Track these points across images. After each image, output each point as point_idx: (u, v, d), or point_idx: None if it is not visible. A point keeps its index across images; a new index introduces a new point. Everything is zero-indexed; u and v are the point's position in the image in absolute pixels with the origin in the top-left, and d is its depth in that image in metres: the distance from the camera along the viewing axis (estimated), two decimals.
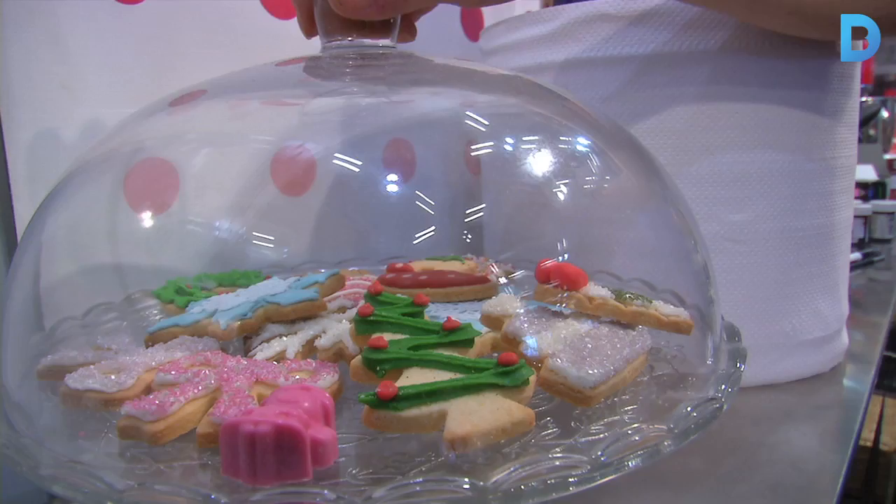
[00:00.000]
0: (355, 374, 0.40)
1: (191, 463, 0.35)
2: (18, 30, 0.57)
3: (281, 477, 0.31)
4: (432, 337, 0.41)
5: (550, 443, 0.36)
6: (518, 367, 0.37)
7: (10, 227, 0.58)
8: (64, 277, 0.60)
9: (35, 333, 0.56)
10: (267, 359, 0.44)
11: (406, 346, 0.40)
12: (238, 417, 0.33)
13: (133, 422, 0.36)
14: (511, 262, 0.67)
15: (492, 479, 0.31)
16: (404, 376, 0.38)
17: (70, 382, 0.40)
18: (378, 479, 0.33)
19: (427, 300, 0.47)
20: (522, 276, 0.66)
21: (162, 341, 0.47)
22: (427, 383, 0.36)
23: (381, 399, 0.34)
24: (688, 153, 0.62)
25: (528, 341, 0.42)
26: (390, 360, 0.38)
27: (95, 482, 0.31)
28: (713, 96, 0.61)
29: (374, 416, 0.35)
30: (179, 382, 0.39)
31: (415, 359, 0.39)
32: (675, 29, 0.61)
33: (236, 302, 0.52)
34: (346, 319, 0.51)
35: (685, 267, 0.53)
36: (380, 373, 0.38)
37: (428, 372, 0.38)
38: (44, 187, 0.59)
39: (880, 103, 2.37)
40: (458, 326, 0.42)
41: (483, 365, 0.38)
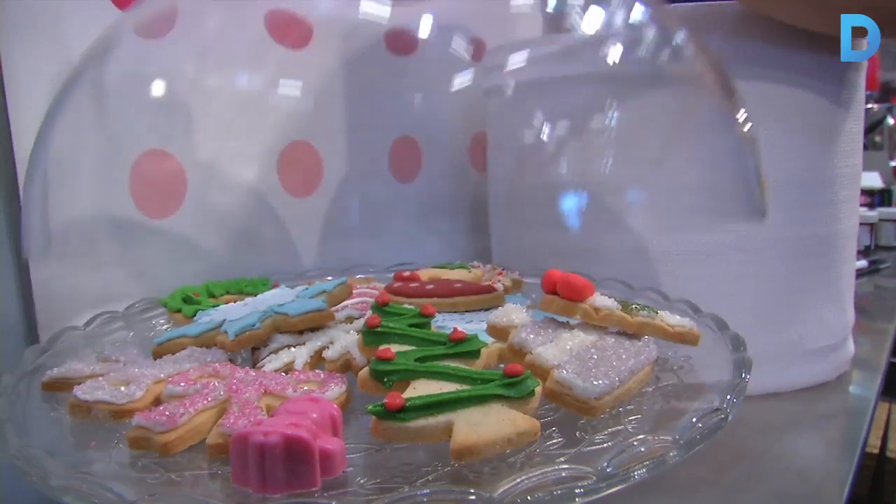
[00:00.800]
0: (363, 384, 0.40)
1: (201, 473, 0.36)
2: (22, 33, 0.58)
3: (290, 486, 0.32)
4: (439, 348, 0.42)
5: (555, 452, 0.37)
6: (524, 378, 0.37)
7: (18, 226, 0.59)
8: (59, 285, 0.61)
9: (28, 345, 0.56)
10: (275, 370, 0.45)
11: (413, 358, 0.40)
12: (248, 428, 0.33)
13: (143, 432, 0.37)
14: (518, 269, 0.68)
15: (498, 490, 0.31)
16: (411, 387, 0.38)
17: (79, 394, 0.40)
18: (385, 489, 0.33)
19: (434, 311, 0.47)
20: (529, 285, 0.66)
21: (170, 352, 0.48)
22: (433, 394, 0.36)
23: (389, 410, 0.35)
24: (690, 163, 0.62)
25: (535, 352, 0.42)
26: (397, 372, 0.39)
27: (105, 493, 0.31)
28: (714, 107, 0.61)
29: (382, 426, 0.35)
30: (189, 394, 0.40)
31: (421, 370, 0.39)
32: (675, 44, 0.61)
33: (244, 311, 0.52)
34: (353, 330, 0.51)
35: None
36: (387, 384, 0.39)
37: (434, 383, 0.38)
38: (52, 194, 0.60)
39: (886, 110, 2.37)
40: (465, 338, 0.42)
41: (489, 376, 0.38)
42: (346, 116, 0.83)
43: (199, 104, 0.70)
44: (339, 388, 0.41)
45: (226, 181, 0.73)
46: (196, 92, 0.70)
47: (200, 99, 0.70)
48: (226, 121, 0.72)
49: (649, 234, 0.63)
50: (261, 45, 0.75)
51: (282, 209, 0.78)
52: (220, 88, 0.72)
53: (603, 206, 0.66)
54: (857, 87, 0.66)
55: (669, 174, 0.63)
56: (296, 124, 0.78)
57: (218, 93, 0.72)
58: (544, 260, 0.66)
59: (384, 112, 0.87)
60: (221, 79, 0.72)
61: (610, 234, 0.65)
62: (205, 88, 0.71)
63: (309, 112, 0.79)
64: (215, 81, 0.72)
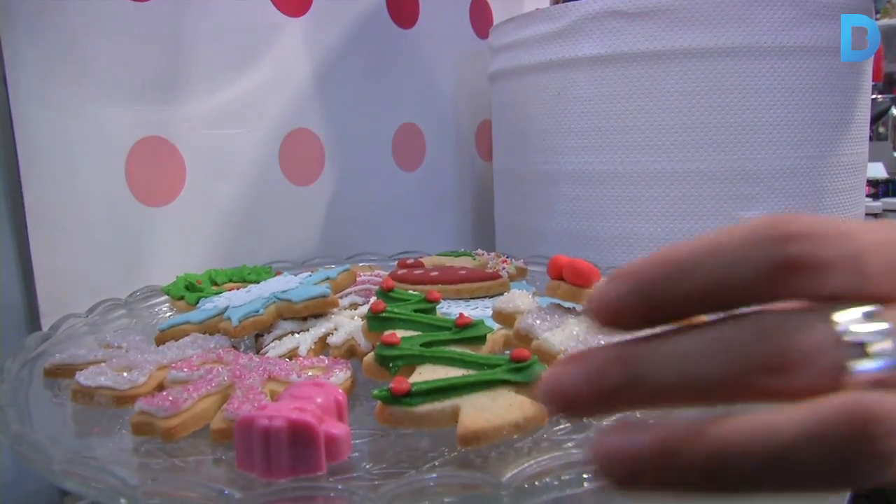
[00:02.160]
0: (368, 370, 0.40)
1: (204, 458, 0.35)
2: (29, 27, 0.57)
3: (295, 471, 0.31)
4: (445, 333, 0.41)
5: (563, 437, 0.36)
6: (531, 363, 0.37)
7: (21, 221, 0.58)
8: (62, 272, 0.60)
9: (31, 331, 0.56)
10: (279, 356, 0.44)
11: (419, 343, 0.40)
12: (253, 413, 0.33)
13: (147, 418, 0.36)
14: (523, 258, 0.67)
15: (505, 476, 0.31)
16: (417, 372, 0.38)
17: (82, 380, 0.40)
18: (392, 474, 0.33)
19: (439, 297, 0.47)
20: (534, 273, 0.65)
21: (173, 339, 0.48)
22: (440, 379, 0.36)
23: (395, 395, 0.34)
24: (698, 150, 0.62)
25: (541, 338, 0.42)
26: (403, 357, 0.38)
27: (108, 477, 0.31)
28: (723, 94, 0.61)
29: (388, 411, 0.34)
30: (192, 379, 0.39)
31: (427, 355, 0.39)
32: (684, 25, 0.61)
33: (247, 298, 0.51)
34: (357, 316, 0.51)
35: None
36: (392, 369, 0.38)
37: (440, 368, 0.38)
38: (54, 182, 0.60)
39: (890, 101, 2.35)
40: (471, 323, 0.42)
41: (495, 361, 0.38)
42: (349, 103, 0.82)
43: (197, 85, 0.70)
44: (343, 374, 0.41)
45: (226, 168, 0.73)
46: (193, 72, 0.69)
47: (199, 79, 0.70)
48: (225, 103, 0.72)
49: (658, 221, 0.63)
50: (261, 14, 0.74)
51: (283, 197, 0.78)
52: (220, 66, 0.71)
53: (610, 193, 0.66)
54: (863, 75, 0.66)
55: (680, 160, 0.62)
56: (297, 110, 0.78)
57: (217, 71, 0.71)
58: (548, 248, 0.65)
59: (387, 98, 0.86)
60: (220, 55, 0.71)
61: (618, 221, 0.65)
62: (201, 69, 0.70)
63: (310, 97, 0.78)
64: (213, 59, 0.71)
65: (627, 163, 0.64)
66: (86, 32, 0.61)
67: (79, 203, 0.61)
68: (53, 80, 0.59)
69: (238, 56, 0.72)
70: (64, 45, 0.60)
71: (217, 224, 0.72)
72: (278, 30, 0.75)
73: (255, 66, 0.73)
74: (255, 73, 0.73)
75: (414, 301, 0.46)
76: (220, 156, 0.71)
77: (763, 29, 0.60)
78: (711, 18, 0.60)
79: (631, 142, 0.64)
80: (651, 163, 0.63)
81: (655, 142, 0.63)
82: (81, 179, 0.61)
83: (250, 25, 0.72)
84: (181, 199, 0.69)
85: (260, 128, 0.75)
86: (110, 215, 0.64)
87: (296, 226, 0.80)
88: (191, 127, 0.69)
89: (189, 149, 0.69)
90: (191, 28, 0.68)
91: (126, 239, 0.65)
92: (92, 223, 0.62)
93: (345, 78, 0.81)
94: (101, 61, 0.62)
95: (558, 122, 0.68)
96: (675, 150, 0.62)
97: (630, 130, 0.64)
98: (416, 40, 0.88)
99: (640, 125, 0.63)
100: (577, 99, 0.66)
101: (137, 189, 0.65)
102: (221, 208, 0.72)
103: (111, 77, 0.63)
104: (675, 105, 0.62)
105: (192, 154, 0.69)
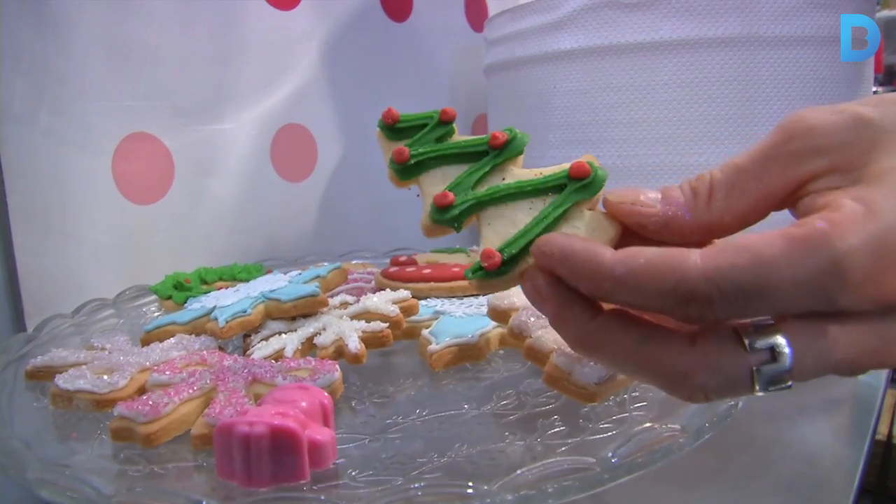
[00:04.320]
0: (429, 231, 0.36)
1: (185, 465, 0.34)
2: (16, 22, 0.56)
3: (277, 479, 0.30)
4: (486, 162, 0.37)
5: (557, 442, 0.35)
6: (593, 176, 0.34)
7: (4, 220, 0.57)
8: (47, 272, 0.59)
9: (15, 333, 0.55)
10: (265, 357, 0.43)
11: (469, 187, 0.36)
12: (233, 418, 0.31)
13: (126, 423, 0.35)
14: None
15: (496, 484, 0.29)
16: (486, 223, 0.35)
17: (60, 383, 0.39)
18: (378, 482, 0.32)
19: (454, 113, 0.41)
20: None
21: (159, 340, 0.46)
22: (521, 235, 0.33)
23: (489, 270, 0.32)
24: (696, 143, 0.61)
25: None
26: (463, 213, 0.35)
27: (83, 486, 0.30)
28: (721, 85, 0.60)
29: (485, 284, 0.32)
30: (174, 383, 0.38)
31: (485, 199, 0.35)
32: (681, 15, 0.59)
33: (236, 297, 0.50)
34: (346, 316, 0.49)
35: None
36: (458, 228, 0.35)
37: (503, 207, 0.35)
38: (39, 182, 0.58)
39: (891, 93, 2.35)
40: (507, 140, 0.38)
41: (553, 181, 0.35)
42: (342, 97, 0.81)
43: (184, 80, 0.68)
44: (330, 376, 0.39)
45: (216, 165, 0.71)
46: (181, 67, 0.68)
47: (185, 74, 0.68)
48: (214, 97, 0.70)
49: None
50: (251, 7, 0.72)
51: (276, 194, 0.76)
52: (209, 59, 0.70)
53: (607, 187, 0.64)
54: (864, 66, 0.65)
55: (678, 154, 0.61)
56: (289, 105, 0.76)
57: (205, 65, 0.70)
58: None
59: (381, 92, 0.85)
60: (209, 48, 0.70)
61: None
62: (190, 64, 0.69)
63: (302, 91, 0.77)
64: (202, 52, 0.69)
65: (625, 156, 0.63)
66: (74, 30, 0.59)
67: (64, 201, 0.60)
68: (41, 79, 0.58)
69: (227, 50, 0.70)
70: (52, 42, 0.58)
71: (207, 221, 0.71)
72: (268, 23, 0.73)
73: (245, 60, 0.72)
74: (245, 66, 0.72)
75: (430, 128, 0.40)
76: (209, 152, 0.70)
77: (762, 19, 0.59)
78: (709, 8, 0.59)
79: (628, 135, 0.63)
80: (648, 156, 0.62)
81: (653, 135, 0.62)
82: (67, 177, 0.60)
83: (240, 18, 0.71)
84: (170, 197, 0.68)
85: (251, 123, 0.73)
86: (97, 214, 0.62)
87: (288, 222, 0.78)
88: (179, 122, 0.67)
89: (177, 145, 0.68)
90: (178, 22, 0.66)
91: (114, 238, 0.64)
92: (78, 222, 0.61)
93: (337, 72, 0.80)
94: (92, 60, 0.61)
95: (554, 115, 0.67)
96: (673, 143, 0.61)
97: (627, 123, 0.63)
98: (410, 34, 0.87)
99: (637, 118, 0.62)
100: (573, 91, 0.65)
101: (125, 186, 0.64)
102: (212, 205, 0.71)
103: (96, 73, 0.62)
104: (673, 97, 0.61)
105: (181, 150, 0.68)
